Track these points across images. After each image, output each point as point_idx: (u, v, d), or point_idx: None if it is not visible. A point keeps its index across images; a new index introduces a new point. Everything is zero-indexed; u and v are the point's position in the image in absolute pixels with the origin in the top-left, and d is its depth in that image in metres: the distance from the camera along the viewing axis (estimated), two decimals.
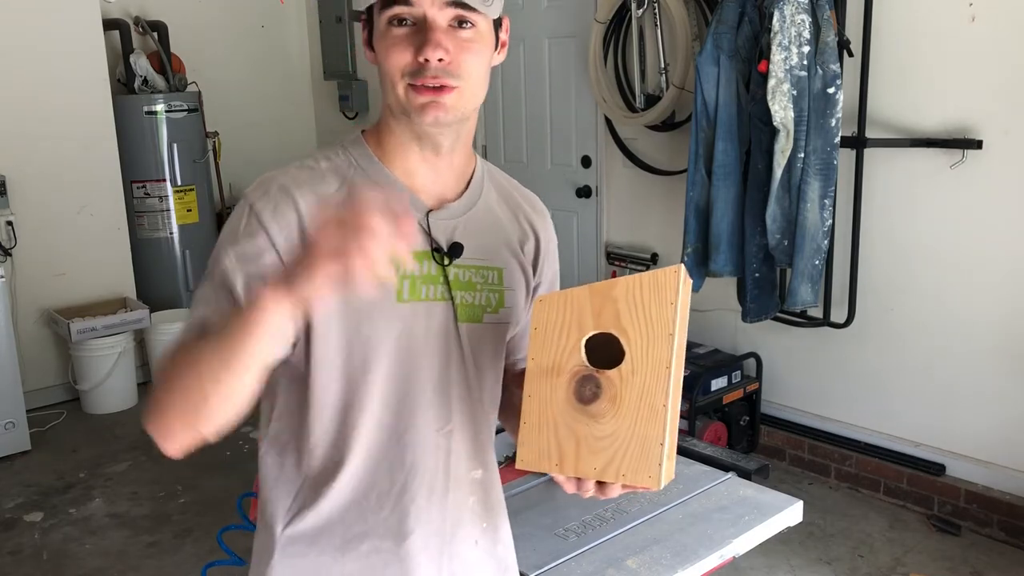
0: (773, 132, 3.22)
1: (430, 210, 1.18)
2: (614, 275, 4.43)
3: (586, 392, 1.08)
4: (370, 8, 1.11)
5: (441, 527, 1.22)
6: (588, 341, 1.09)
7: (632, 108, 4.09)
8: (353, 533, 1.18)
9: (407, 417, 1.18)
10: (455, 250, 1.18)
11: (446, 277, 1.18)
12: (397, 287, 1.14)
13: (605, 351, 1.07)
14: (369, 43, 1.14)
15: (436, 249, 1.17)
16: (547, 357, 1.09)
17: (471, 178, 1.24)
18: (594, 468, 1.08)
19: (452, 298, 1.18)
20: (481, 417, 1.25)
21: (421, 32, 1.07)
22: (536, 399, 1.09)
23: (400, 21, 1.08)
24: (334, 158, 1.17)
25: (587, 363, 1.09)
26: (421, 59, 1.07)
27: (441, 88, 1.09)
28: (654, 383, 1.06)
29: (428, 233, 1.17)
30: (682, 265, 1.07)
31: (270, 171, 1.16)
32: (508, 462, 1.90)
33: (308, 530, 1.19)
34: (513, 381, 1.31)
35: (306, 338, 1.12)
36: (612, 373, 1.07)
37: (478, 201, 1.23)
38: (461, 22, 1.09)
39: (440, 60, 1.07)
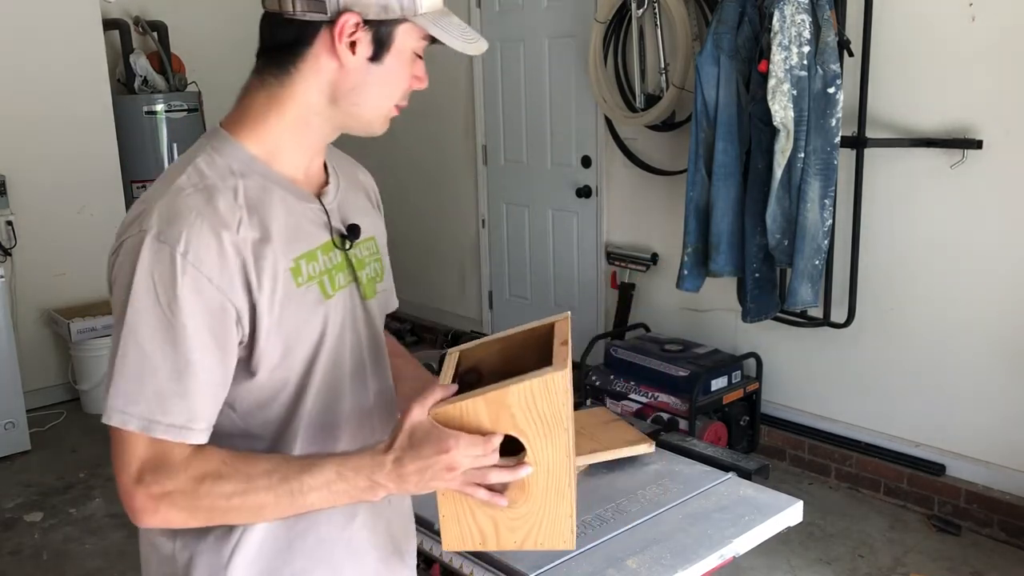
0: (773, 132, 3.22)
1: (319, 197, 1.20)
2: (614, 275, 4.43)
3: (496, 485, 1.15)
4: (384, 23, 1.11)
5: (384, 505, 1.27)
6: None
7: (632, 108, 4.09)
8: (297, 531, 1.20)
9: (335, 406, 1.20)
10: (353, 232, 1.21)
11: (348, 261, 1.21)
12: (320, 285, 1.16)
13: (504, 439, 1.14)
14: (374, 54, 1.13)
15: (340, 235, 1.20)
16: None
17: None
18: (514, 541, 1.20)
19: (357, 279, 1.22)
20: (389, 388, 1.32)
21: (417, 63, 1.18)
22: (450, 495, 1.16)
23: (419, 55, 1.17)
24: (212, 167, 1.12)
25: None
26: (422, 87, 1.19)
27: None
28: (557, 470, 1.16)
29: (330, 222, 1.19)
30: (565, 370, 1.13)
31: (159, 201, 1.07)
32: None
33: (256, 534, 1.18)
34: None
35: (248, 352, 1.12)
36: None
37: (339, 179, 1.26)
38: None
39: None
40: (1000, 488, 3.26)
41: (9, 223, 4.48)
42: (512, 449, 1.16)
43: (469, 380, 1.23)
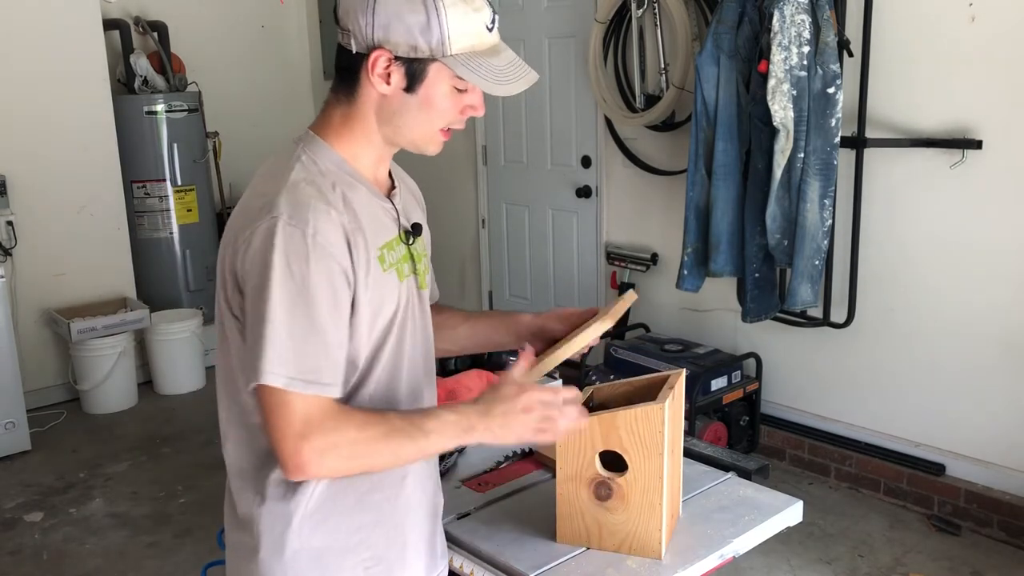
0: (773, 132, 3.22)
1: (389, 198, 1.37)
2: (614, 275, 4.43)
3: (602, 493, 1.48)
4: (415, 60, 1.24)
5: (425, 464, 1.44)
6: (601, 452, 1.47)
7: (632, 108, 4.10)
8: (361, 491, 1.34)
9: (396, 382, 1.37)
10: (416, 230, 1.40)
11: (411, 254, 1.39)
12: (397, 271, 1.34)
13: (614, 456, 1.47)
14: (408, 85, 1.26)
15: (405, 231, 1.37)
16: (571, 467, 1.50)
17: None
18: (613, 544, 1.50)
19: (416, 271, 1.40)
20: (433, 369, 1.49)
21: (470, 93, 1.30)
22: (566, 496, 1.51)
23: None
24: (313, 165, 1.29)
25: (601, 472, 1.48)
26: (476, 114, 1.33)
27: None
28: (651, 487, 1.46)
29: (399, 219, 1.37)
30: (663, 405, 1.42)
31: (281, 193, 1.23)
32: (517, 458, 1.90)
33: (325, 495, 1.31)
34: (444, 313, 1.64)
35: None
36: (621, 480, 1.47)
37: (400, 184, 1.44)
38: None
39: None
40: (1000, 488, 3.26)
41: (9, 223, 4.49)
42: (619, 468, 1.46)
43: (592, 407, 1.51)
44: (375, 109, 1.30)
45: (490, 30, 1.27)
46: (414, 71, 1.25)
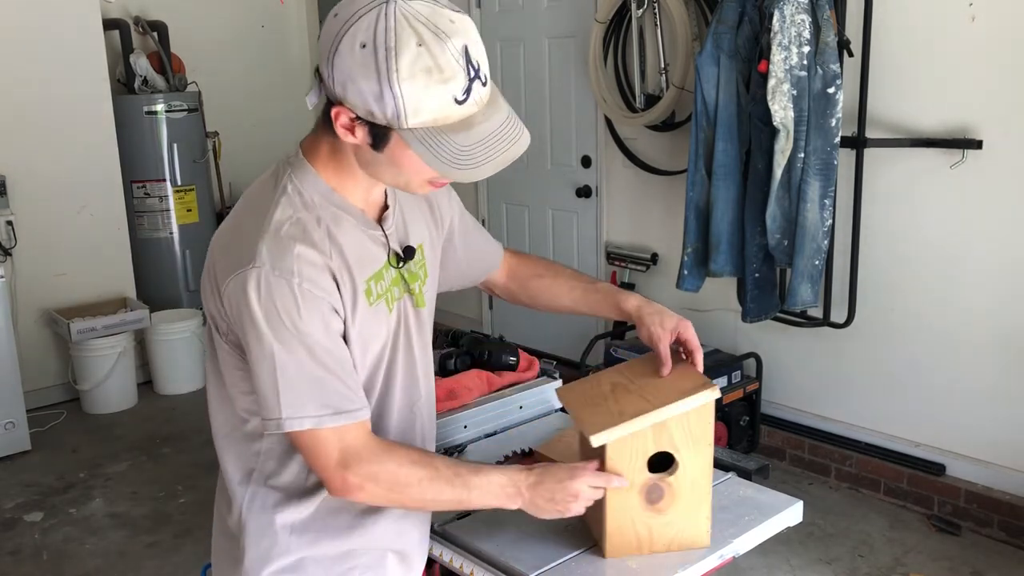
0: (773, 132, 3.22)
1: (379, 223, 1.33)
2: (614, 275, 4.43)
3: (654, 496, 1.45)
4: (375, 124, 1.14)
5: None
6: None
7: (632, 108, 4.09)
8: (356, 512, 1.34)
9: (388, 404, 1.37)
10: (409, 253, 1.37)
11: (403, 276, 1.36)
12: (386, 302, 1.32)
13: (657, 456, 1.43)
14: (373, 144, 1.17)
15: (396, 256, 1.35)
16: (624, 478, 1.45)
17: None
18: (663, 545, 1.48)
19: (411, 292, 1.38)
20: (431, 387, 1.49)
21: None
22: (617, 508, 1.44)
23: None
24: (299, 197, 1.24)
25: (650, 476, 1.44)
26: (438, 188, 1.28)
27: None
28: (701, 478, 1.46)
29: (389, 244, 1.33)
30: (717, 395, 1.42)
31: (262, 238, 1.19)
32: (518, 457, 1.90)
33: (316, 514, 1.32)
34: (519, 274, 1.74)
35: None
36: (672, 479, 1.44)
37: (396, 201, 1.38)
38: None
39: None
40: (1000, 488, 3.26)
41: (9, 223, 4.48)
42: (662, 464, 1.43)
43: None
44: (353, 151, 1.24)
45: (461, 102, 1.11)
46: (377, 133, 1.15)
